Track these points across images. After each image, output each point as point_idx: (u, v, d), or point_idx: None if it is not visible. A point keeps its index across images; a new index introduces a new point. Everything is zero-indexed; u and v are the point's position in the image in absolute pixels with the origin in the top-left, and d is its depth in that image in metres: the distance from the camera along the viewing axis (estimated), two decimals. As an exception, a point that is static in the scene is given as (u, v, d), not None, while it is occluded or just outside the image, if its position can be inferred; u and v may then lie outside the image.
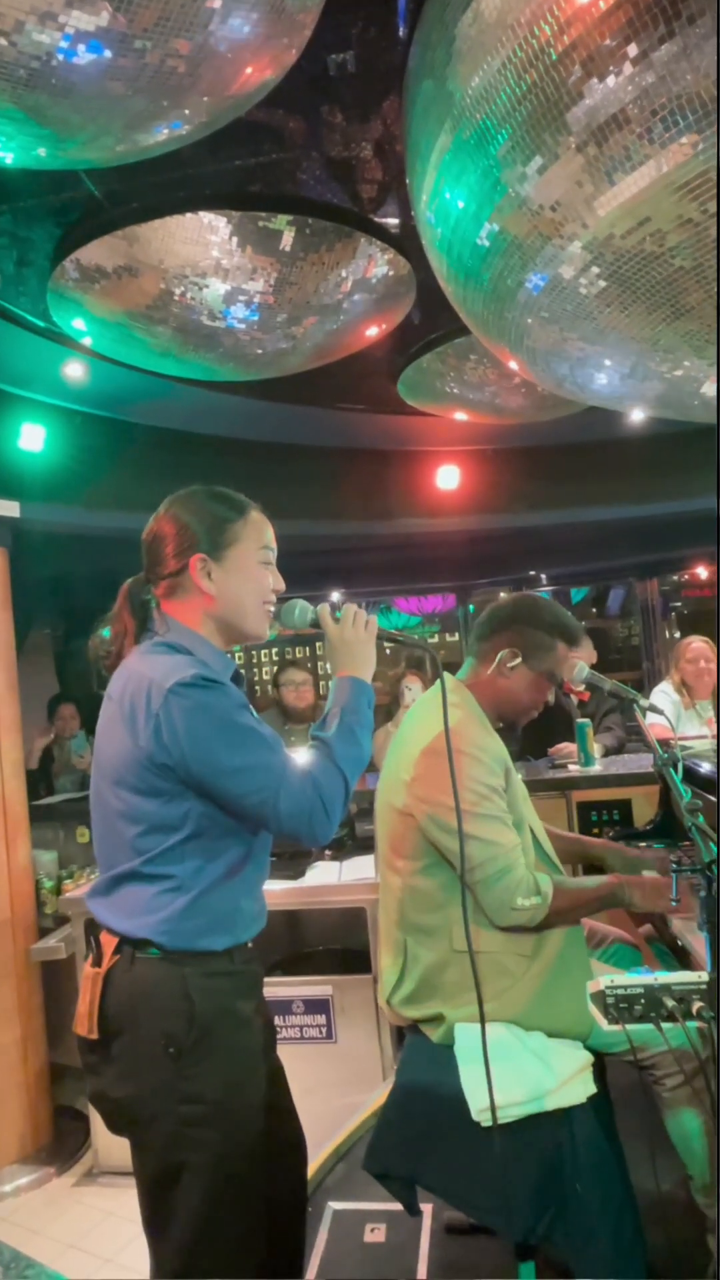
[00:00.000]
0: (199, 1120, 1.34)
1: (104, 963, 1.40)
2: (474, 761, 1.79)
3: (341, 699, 1.48)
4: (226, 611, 1.49)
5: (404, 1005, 1.85)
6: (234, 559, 1.49)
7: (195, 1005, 1.36)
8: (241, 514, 1.52)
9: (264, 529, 1.55)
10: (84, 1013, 1.41)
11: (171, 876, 1.38)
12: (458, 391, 3.82)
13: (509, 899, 1.73)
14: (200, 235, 2.47)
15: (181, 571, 1.48)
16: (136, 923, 1.38)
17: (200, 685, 1.35)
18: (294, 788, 1.35)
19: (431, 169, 1.79)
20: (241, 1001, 1.45)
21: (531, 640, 1.94)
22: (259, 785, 1.34)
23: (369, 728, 1.49)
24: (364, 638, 1.54)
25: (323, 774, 1.39)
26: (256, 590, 1.51)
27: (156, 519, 1.53)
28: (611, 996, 1.43)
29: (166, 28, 1.45)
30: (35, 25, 1.40)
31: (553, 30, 1.39)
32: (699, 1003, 1.40)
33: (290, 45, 1.68)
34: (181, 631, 1.48)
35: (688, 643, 4.35)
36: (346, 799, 1.41)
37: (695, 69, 1.34)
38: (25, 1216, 2.85)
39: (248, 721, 1.37)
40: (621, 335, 1.94)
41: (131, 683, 1.40)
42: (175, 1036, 1.34)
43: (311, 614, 1.56)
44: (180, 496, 1.54)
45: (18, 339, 3.29)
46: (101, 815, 1.46)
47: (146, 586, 1.54)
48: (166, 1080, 1.34)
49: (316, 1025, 2.91)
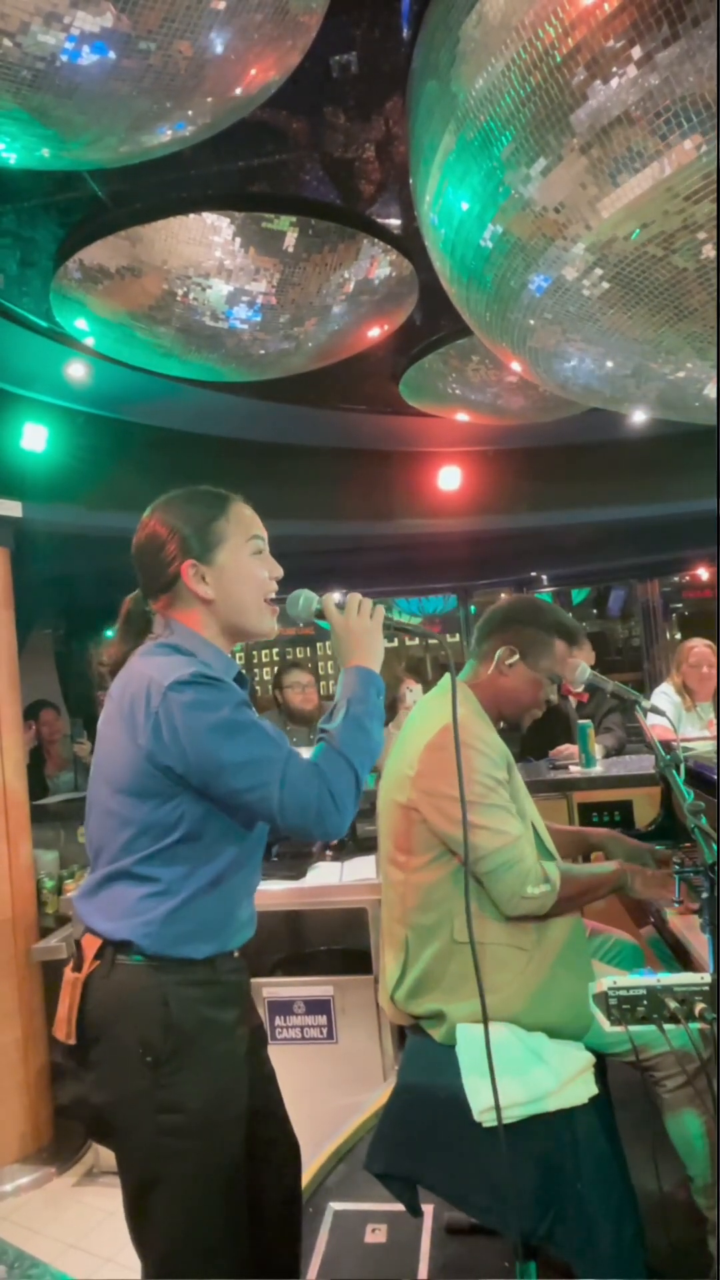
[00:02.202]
0: (177, 1130, 1.32)
1: (84, 967, 1.39)
2: (478, 754, 1.81)
3: (349, 689, 1.45)
4: (227, 611, 1.48)
5: (405, 1001, 1.85)
6: (225, 557, 1.48)
7: (172, 1013, 1.34)
8: (224, 510, 1.50)
9: (250, 520, 1.53)
10: (63, 1017, 1.40)
11: (158, 880, 1.36)
12: (460, 392, 3.82)
13: (520, 888, 1.74)
14: (203, 236, 2.47)
15: (175, 581, 1.46)
16: (119, 924, 1.37)
17: (199, 683, 1.34)
18: (297, 782, 1.32)
19: (435, 170, 1.79)
20: (222, 1011, 1.42)
21: (529, 638, 1.96)
22: (261, 780, 1.31)
23: (379, 717, 1.45)
24: (370, 626, 1.50)
25: (329, 765, 1.35)
26: (254, 584, 1.50)
27: (141, 530, 1.51)
28: (614, 997, 1.43)
29: (170, 29, 1.45)
30: (40, 26, 1.41)
31: (557, 32, 1.40)
32: (701, 1004, 1.40)
33: (294, 47, 1.68)
34: (184, 633, 1.47)
35: (690, 646, 4.33)
36: (358, 790, 1.37)
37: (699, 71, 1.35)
38: (25, 1216, 2.85)
39: (247, 717, 1.35)
40: (624, 337, 1.94)
41: (132, 683, 1.39)
42: (152, 1045, 1.33)
43: (316, 604, 1.53)
44: (159, 505, 1.52)
45: (20, 339, 3.30)
46: (95, 815, 1.44)
47: (146, 601, 1.53)
48: (143, 1089, 1.33)
49: (317, 1025, 2.92)
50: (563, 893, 1.78)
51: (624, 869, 1.93)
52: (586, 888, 1.87)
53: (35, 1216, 2.84)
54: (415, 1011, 1.85)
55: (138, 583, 1.54)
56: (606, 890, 1.92)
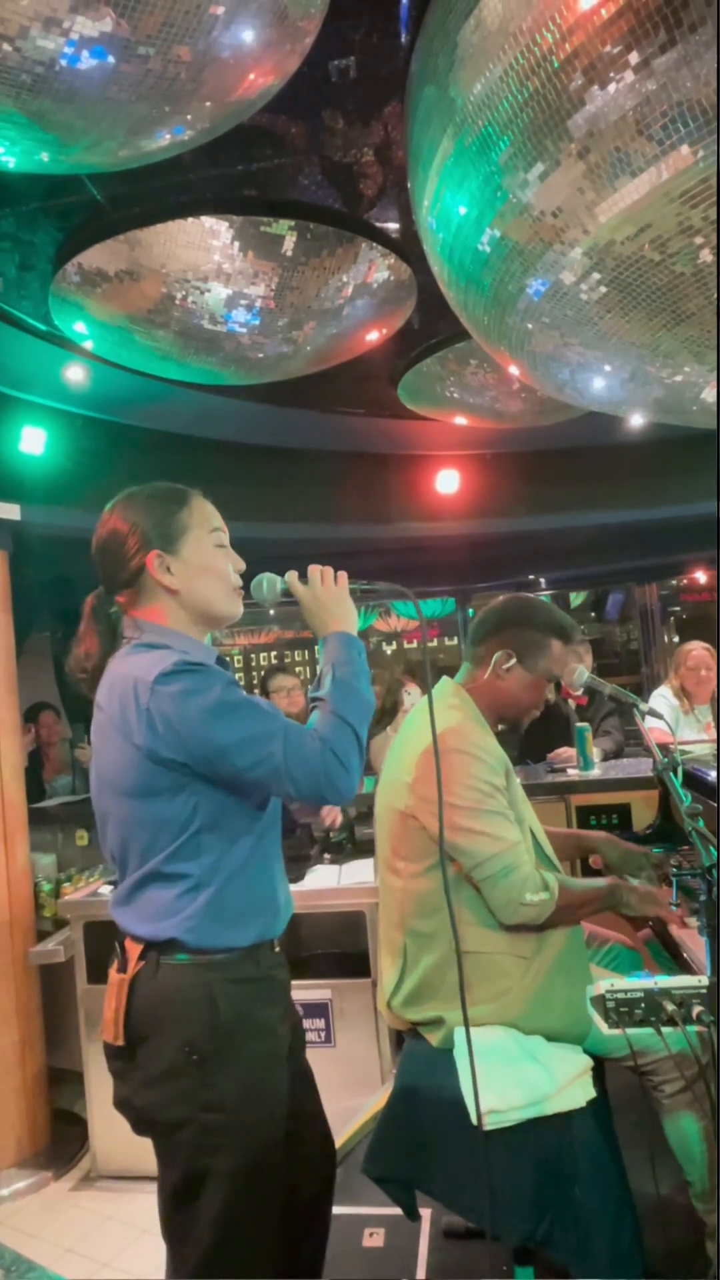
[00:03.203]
0: (220, 1128, 1.34)
1: (129, 969, 1.39)
2: (475, 761, 1.79)
3: (332, 655, 1.47)
4: (194, 601, 1.48)
5: (404, 1008, 1.84)
6: (188, 548, 1.48)
7: (219, 1012, 1.35)
8: (184, 503, 1.51)
9: (210, 512, 1.54)
10: (110, 1019, 1.41)
11: (188, 875, 1.37)
12: (458, 396, 3.83)
13: (518, 895, 1.73)
14: (202, 240, 2.48)
15: (140, 574, 1.47)
16: (160, 925, 1.37)
17: (183, 671, 1.34)
18: (301, 748, 1.33)
19: (433, 175, 1.80)
20: (266, 1008, 1.44)
21: (526, 640, 1.93)
22: (264, 754, 1.32)
23: (365, 675, 1.46)
24: (336, 593, 1.53)
25: (329, 729, 1.36)
26: (219, 574, 1.50)
27: (101, 527, 1.51)
28: (612, 1000, 1.43)
29: (170, 34, 1.46)
30: (40, 31, 1.41)
31: (555, 38, 1.40)
32: (699, 1007, 1.40)
33: (292, 51, 1.69)
34: (155, 630, 1.47)
35: (688, 649, 4.33)
36: (361, 749, 1.38)
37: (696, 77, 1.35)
38: (23, 1220, 2.85)
39: (238, 696, 1.35)
40: (622, 340, 1.95)
41: (118, 686, 1.39)
42: (197, 1044, 1.34)
43: (281, 584, 1.54)
44: (120, 501, 1.52)
45: (19, 342, 3.30)
46: (109, 824, 1.44)
47: (109, 599, 1.53)
48: (188, 1088, 1.34)
49: (315, 1029, 2.91)
50: (561, 901, 1.77)
51: (619, 885, 1.90)
52: (581, 901, 1.84)
53: (32, 1220, 2.84)
54: (413, 1018, 1.85)
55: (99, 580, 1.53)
56: (599, 906, 1.88)
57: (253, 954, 1.42)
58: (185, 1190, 1.36)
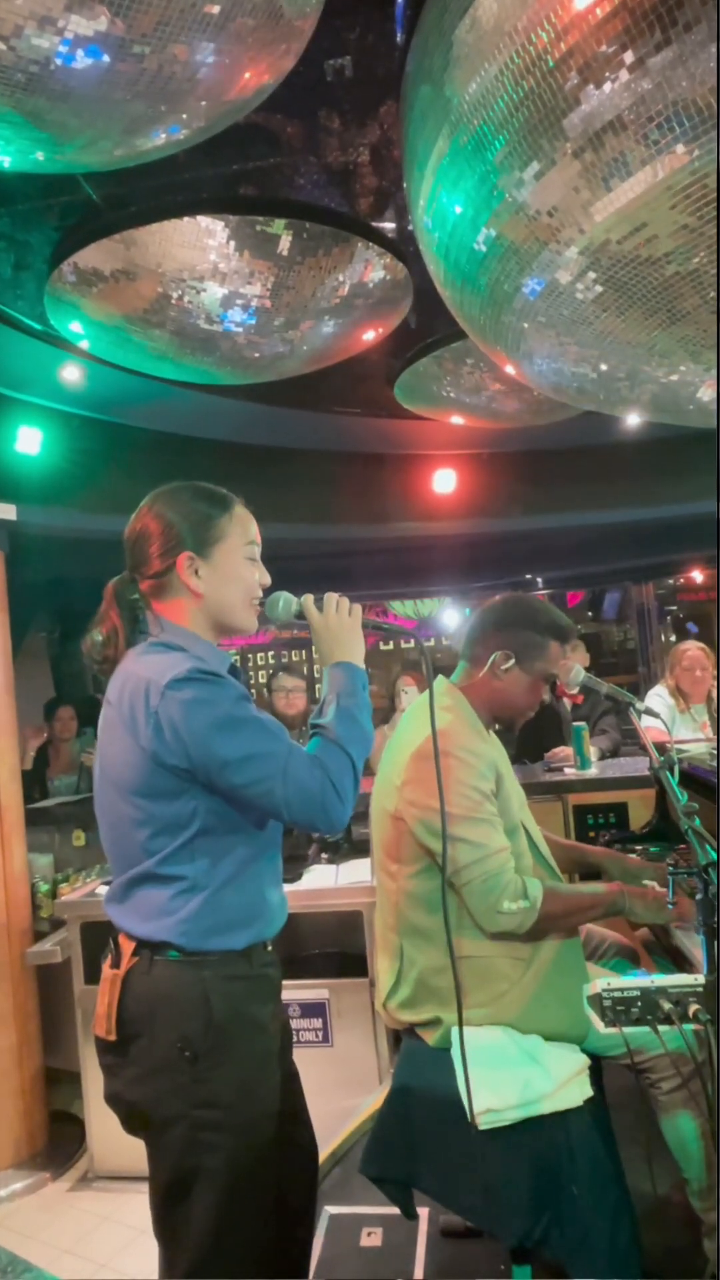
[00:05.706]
0: (213, 1125, 1.34)
1: (122, 964, 1.40)
2: (464, 765, 1.78)
3: (336, 685, 1.47)
4: (215, 608, 1.49)
5: (401, 1009, 1.84)
6: (220, 556, 1.48)
7: (213, 1009, 1.36)
8: (226, 510, 1.51)
9: (249, 524, 1.54)
10: (102, 1014, 1.41)
11: (184, 878, 1.37)
12: (454, 395, 3.83)
13: (495, 902, 1.71)
14: (198, 239, 2.47)
15: (168, 570, 1.47)
16: (154, 925, 1.38)
17: (196, 679, 1.34)
18: (299, 774, 1.33)
19: (429, 174, 1.80)
20: (259, 1006, 1.44)
21: (524, 641, 1.93)
22: (263, 774, 1.32)
23: (367, 709, 1.47)
24: (349, 623, 1.53)
25: (327, 756, 1.37)
26: (244, 587, 1.51)
27: (139, 516, 1.51)
28: (608, 999, 1.43)
29: (165, 33, 1.46)
30: (34, 30, 1.41)
31: (550, 37, 1.40)
32: (695, 1005, 1.40)
33: (288, 51, 1.69)
34: (174, 630, 1.47)
35: (684, 649, 4.34)
36: (356, 780, 1.39)
37: (692, 76, 1.35)
38: (20, 1222, 2.84)
39: (247, 712, 1.36)
40: (618, 340, 1.94)
41: (129, 685, 1.39)
42: (191, 1040, 1.34)
43: (296, 605, 1.55)
44: (163, 493, 1.52)
45: (15, 342, 3.30)
46: (109, 820, 1.45)
47: (133, 585, 1.52)
48: (182, 1084, 1.34)
49: (313, 1029, 2.91)
50: (550, 910, 1.73)
51: (621, 891, 1.86)
52: (577, 907, 1.82)
53: (30, 1222, 2.83)
54: (410, 1019, 1.85)
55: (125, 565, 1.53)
56: (600, 912, 1.85)
57: (246, 954, 1.43)
58: (178, 1188, 1.36)
